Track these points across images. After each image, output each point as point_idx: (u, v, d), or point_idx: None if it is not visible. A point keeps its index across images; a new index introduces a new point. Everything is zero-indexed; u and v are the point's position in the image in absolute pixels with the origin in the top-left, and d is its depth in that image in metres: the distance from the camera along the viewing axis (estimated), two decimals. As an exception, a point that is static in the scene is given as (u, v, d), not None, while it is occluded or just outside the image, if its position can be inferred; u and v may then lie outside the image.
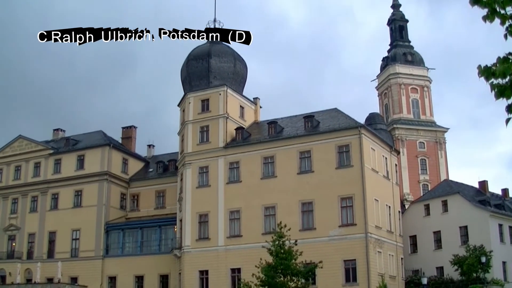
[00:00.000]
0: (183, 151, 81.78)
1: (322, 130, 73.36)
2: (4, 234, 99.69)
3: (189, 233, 76.91)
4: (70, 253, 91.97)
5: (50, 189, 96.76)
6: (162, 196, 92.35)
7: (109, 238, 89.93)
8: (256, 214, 73.20)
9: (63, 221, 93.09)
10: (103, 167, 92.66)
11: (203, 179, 78.41)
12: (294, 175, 72.33)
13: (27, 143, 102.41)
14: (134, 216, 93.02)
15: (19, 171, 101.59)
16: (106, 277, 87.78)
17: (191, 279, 75.03)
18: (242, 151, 76.62)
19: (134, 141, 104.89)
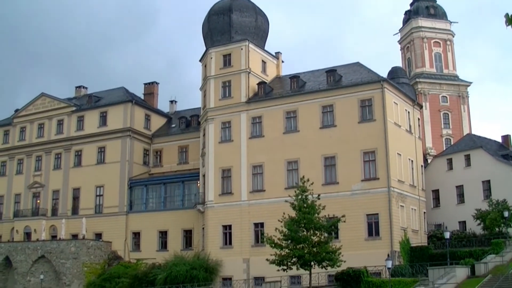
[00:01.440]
0: (205, 106, 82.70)
1: (344, 84, 73.80)
2: (28, 192, 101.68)
3: (212, 188, 78.10)
4: (94, 210, 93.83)
5: (73, 146, 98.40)
6: (185, 152, 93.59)
7: (133, 194, 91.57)
8: (279, 169, 74.15)
9: (86, 177, 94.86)
10: (125, 123, 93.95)
11: (226, 134, 79.34)
12: (317, 130, 72.99)
13: (50, 100, 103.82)
14: (157, 172, 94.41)
15: (42, 128, 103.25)
16: (130, 233, 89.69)
17: (214, 234, 76.46)
18: (264, 106, 77.35)
19: (157, 97, 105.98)
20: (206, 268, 72.66)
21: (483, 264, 58.29)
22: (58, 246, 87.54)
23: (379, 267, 60.66)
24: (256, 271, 71.13)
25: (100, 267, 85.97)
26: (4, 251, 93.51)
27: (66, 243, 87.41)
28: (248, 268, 72.80)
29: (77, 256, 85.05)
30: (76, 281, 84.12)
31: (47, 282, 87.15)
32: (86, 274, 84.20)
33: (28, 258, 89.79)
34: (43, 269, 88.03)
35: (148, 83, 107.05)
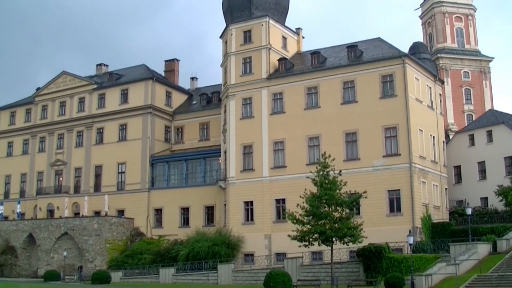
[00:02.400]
0: (226, 83, 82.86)
1: (365, 59, 73.66)
2: (51, 170, 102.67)
3: (233, 164, 78.52)
4: (116, 187, 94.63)
5: (95, 124, 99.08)
6: (206, 128, 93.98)
7: (155, 170, 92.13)
8: (300, 145, 74.36)
9: (108, 155, 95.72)
10: (146, 100, 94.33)
11: (247, 111, 79.51)
12: (338, 105, 73.03)
13: (71, 78, 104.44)
14: (178, 149, 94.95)
15: (64, 106, 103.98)
16: (152, 209, 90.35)
17: (236, 210, 76.95)
18: (285, 82, 77.39)
19: (177, 74, 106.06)
20: (228, 244, 73.19)
21: (505, 240, 58.40)
22: (81, 223, 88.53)
23: (401, 243, 60.93)
24: (277, 247, 71.58)
25: (122, 243, 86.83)
26: (27, 228, 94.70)
27: (89, 220, 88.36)
28: (270, 244, 73.36)
29: (100, 233, 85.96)
30: (99, 257, 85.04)
31: (70, 259, 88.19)
32: (109, 250, 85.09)
33: (51, 235, 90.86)
34: (66, 246, 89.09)
35: (169, 60, 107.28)
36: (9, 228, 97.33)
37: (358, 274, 57.88)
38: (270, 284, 53.52)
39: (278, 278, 53.80)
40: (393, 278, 49.88)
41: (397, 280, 49.57)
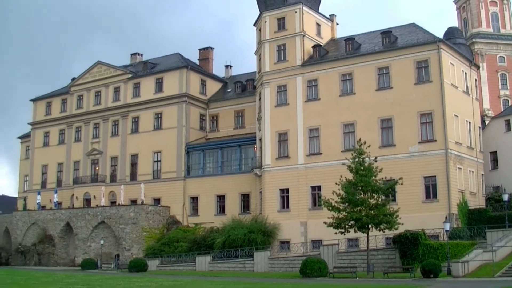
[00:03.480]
0: (260, 70, 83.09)
1: (400, 45, 73.40)
2: (87, 159, 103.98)
3: (269, 152, 78.86)
4: (152, 175, 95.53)
5: (130, 113, 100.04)
6: (241, 116, 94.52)
7: (190, 159, 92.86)
8: (335, 132, 74.44)
9: (144, 143, 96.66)
10: (181, 89, 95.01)
11: (282, 98, 79.71)
12: (373, 92, 72.95)
13: (106, 68, 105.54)
14: (214, 137, 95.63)
15: (99, 96, 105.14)
16: (188, 198, 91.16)
17: (271, 197, 77.34)
18: (319, 69, 77.38)
19: (211, 62, 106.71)
20: (264, 231, 73.67)
21: (543, 226, 58.23)
22: (117, 211, 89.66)
23: (437, 229, 60.97)
24: (313, 234, 71.96)
25: (159, 231, 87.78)
26: (64, 217, 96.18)
27: (125, 209, 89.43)
28: (306, 231, 73.67)
29: (136, 221, 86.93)
30: (136, 245, 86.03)
31: (107, 247, 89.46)
32: (145, 238, 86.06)
33: (88, 224, 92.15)
34: (103, 234, 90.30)
35: (203, 49, 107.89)
36: (47, 217, 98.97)
37: (394, 261, 58.11)
38: (306, 271, 54.13)
39: (314, 265, 54.42)
40: (429, 265, 50.14)
41: (433, 267, 49.83)
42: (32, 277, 55.93)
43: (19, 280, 48.02)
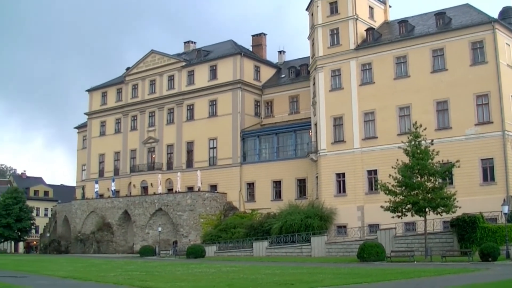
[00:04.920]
0: (314, 55, 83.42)
1: (454, 26, 72.94)
2: (143, 147, 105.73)
3: (324, 136, 79.26)
4: (208, 162, 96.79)
5: (185, 101, 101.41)
6: (296, 101, 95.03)
7: (245, 145, 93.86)
8: (391, 115, 74.52)
9: (199, 131, 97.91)
10: (235, 75, 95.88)
11: (336, 82, 79.96)
12: (427, 74, 72.74)
13: (160, 57, 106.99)
14: (268, 123, 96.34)
15: (153, 85, 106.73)
16: (244, 184, 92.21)
17: (328, 182, 77.84)
18: (373, 52, 77.46)
19: (265, 48, 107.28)
20: (321, 216, 74.13)
21: None
22: (174, 198, 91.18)
23: (495, 212, 60.83)
24: (370, 219, 72.42)
25: (216, 218, 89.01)
26: (122, 205, 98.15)
27: (182, 196, 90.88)
28: (363, 215, 74.06)
29: (193, 208, 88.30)
30: (193, 232, 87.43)
31: (165, 234, 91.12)
32: (203, 225, 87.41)
33: (146, 211, 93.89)
34: (161, 221, 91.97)
35: (256, 35, 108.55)
36: (105, 206, 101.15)
37: (452, 244, 58.34)
38: (364, 256, 54.48)
39: (372, 250, 54.72)
40: (488, 248, 50.18)
41: (492, 250, 49.87)
42: (92, 264, 57.24)
43: (80, 268, 49.25)
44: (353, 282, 29.78)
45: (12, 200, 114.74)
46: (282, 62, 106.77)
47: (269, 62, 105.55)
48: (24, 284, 29.10)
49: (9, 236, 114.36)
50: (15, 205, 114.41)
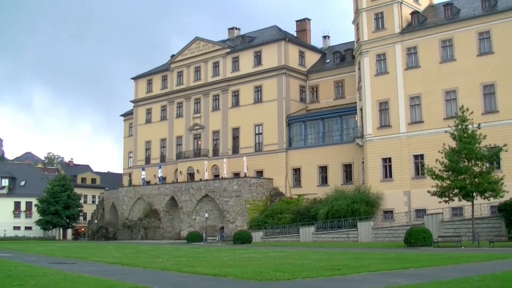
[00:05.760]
0: (359, 39, 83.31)
1: (500, 8, 72.06)
2: (189, 134, 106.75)
3: (370, 121, 79.27)
4: (254, 148, 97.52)
5: (230, 87, 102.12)
6: (341, 86, 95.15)
7: (291, 130, 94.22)
8: (437, 99, 74.20)
9: (245, 117, 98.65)
10: (280, 61, 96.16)
11: (381, 67, 79.79)
12: (474, 57, 72.19)
13: (204, 44, 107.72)
14: (314, 108, 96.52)
15: (198, 72, 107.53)
16: (290, 169, 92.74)
17: (374, 167, 77.95)
18: (419, 36, 77.10)
19: (309, 34, 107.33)
20: (367, 201, 74.36)
21: None
22: (220, 185, 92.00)
23: (544, 196, 60.34)
24: (417, 203, 72.34)
25: (262, 204, 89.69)
26: (169, 191, 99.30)
27: (229, 182, 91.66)
28: (409, 200, 74.02)
29: (240, 194, 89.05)
30: (240, 218, 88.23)
31: (212, 220, 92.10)
32: (249, 211, 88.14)
33: (192, 198, 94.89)
34: (207, 207, 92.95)
35: (300, 20, 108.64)
36: (152, 192, 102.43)
37: (499, 229, 58.26)
38: (411, 241, 54.54)
39: (419, 235, 54.72)
40: (536, 233, 50.10)
41: (540, 235, 49.78)
42: (140, 250, 58.01)
43: (127, 254, 49.91)
44: (400, 267, 30.00)
45: (60, 187, 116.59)
46: (327, 47, 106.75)
47: (313, 47, 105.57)
48: (73, 271, 29.75)
49: (57, 223, 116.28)
50: (63, 192, 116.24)
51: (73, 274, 27.64)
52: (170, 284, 21.72)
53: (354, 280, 24.26)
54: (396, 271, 28.12)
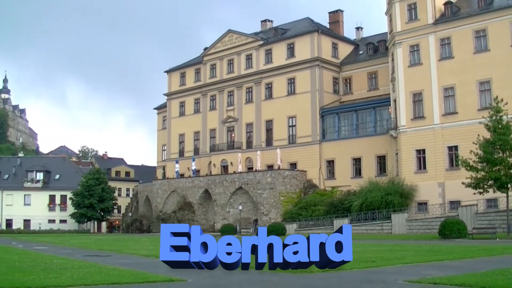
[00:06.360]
0: (392, 30, 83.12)
1: (536, -3, 71.95)
2: (223, 126, 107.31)
3: (403, 112, 79.12)
4: (287, 140, 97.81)
5: (263, 79, 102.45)
6: (374, 78, 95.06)
7: (325, 122, 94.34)
8: (471, 90, 73.83)
9: (278, 109, 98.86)
10: (313, 53, 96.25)
11: (415, 58, 79.56)
12: (508, 48, 71.65)
13: (237, 36, 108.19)
14: (347, 100, 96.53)
15: (231, 64, 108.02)
16: (324, 161, 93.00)
17: (408, 159, 77.84)
18: (452, 26, 76.72)
19: (342, 25, 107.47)
20: (401, 193, 74.41)
21: None
22: (254, 177, 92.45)
23: None
24: (451, 195, 72.12)
25: (296, 196, 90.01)
26: (203, 184, 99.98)
27: (262, 174, 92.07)
28: (443, 192, 73.85)
29: (274, 186, 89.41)
30: (274, 210, 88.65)
31: (246, 213, 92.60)
32: (283, 203, 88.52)
33: (226, 190, 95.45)
34: (241, 200, 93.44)
35: (333, 12, 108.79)
36: (186, 185, 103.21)
37: (535, 220, 57.95)
38: (445, 233, 54.57)
39: (453, 227, 54.73)
40: None
41: None
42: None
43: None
44: (434, 259, 30.15)
45: (95, 181, 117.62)
46: (360, 39, 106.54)
47: (346, 38, 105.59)
48: (108, 263, 30.11)
49: (92, 216, 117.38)
50: (98, 185, 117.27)
51: (108, 266, 28.02)
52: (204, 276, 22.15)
53: (388, 272, 24.47)
54: (430, 263, 28.28)
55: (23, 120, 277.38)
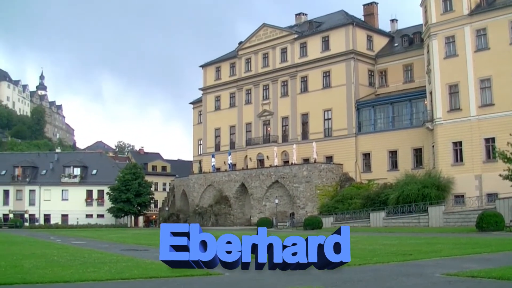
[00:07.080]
0: (427, 22, 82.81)
1: None
2: (258, 120, 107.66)
3: (440, 105, 78.83)
4: (323, 133, 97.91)
5: (298, 73, 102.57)
6: (410, 70, 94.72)
7: (360, 115, 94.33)
8: (508, 81, 73.19)
9: (314, 102, 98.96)
10: (348, 46, 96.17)
11: (450, 49, 79.20)
12: (546, 38, 71.42)
13: (272, 30, 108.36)
14: (383, 92, 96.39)
15: (266, 58, 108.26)
16: (360, 154, 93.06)
17: (444, 151, 77.65)
18: (488, 17, 76.18)
19: (377, 17, 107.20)
20: (438, 186, 74.13)
21: None
22: (290, 170, 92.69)
23: None
24: (488, 188, 71.76)
25: (332, 189, 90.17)
26: (239, 178, 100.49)
27: (298, 168, 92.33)
28: (480, 184, 73.50)
29: (310, 179, 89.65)
30: (310, 203, 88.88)
31: (282, 206, 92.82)
32: (319, 196, 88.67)
33: (262, 184, 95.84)
34: (277, 193, 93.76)
35: (367, 4, 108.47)
36: (222, 179, 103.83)
37: None
38: (482, 225, 54.33)
39: (490, 219, 54.48)
40: None
41: None
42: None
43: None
44: (472, 252, 30.20)
45: (131, 175, 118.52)
46: (395, 31, 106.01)
47: (381, 31, 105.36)
48: (145, 257, 30.40)
49: (129, 210, 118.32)
50: (134, 180, 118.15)
51: (146, 260, 28.32)
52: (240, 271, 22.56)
53: (426, 265, 24.60)
54: (468, 256, 28.31)
55: (60, 116, 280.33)
